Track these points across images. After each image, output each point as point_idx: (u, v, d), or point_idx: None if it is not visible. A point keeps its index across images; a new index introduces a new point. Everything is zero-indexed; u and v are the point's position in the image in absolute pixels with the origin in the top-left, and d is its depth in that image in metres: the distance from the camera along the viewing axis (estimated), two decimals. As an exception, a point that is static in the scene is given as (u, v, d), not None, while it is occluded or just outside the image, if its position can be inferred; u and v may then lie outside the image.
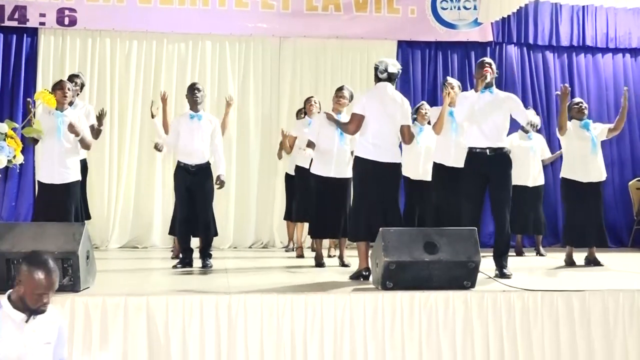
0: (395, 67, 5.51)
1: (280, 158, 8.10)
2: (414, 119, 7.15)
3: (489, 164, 5.53)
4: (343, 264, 6.44)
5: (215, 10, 8.80)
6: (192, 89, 6.43)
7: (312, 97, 7.43)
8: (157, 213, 8.60)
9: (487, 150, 5.55)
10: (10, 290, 3.32)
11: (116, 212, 8.56)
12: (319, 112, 7.11)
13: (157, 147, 6.44)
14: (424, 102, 7.62)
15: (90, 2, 8.56)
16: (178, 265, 6.26)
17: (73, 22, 8.55)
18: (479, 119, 5.55)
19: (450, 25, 9.21)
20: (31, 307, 3.25)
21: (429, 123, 7.11)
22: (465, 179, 5.63)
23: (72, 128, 5.72)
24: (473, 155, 5.60)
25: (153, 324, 4.28)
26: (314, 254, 6.78)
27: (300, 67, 9.09)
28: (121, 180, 8.62)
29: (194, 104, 6.37)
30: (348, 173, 6.32)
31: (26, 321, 3.27)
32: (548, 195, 8.47)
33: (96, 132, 6.63)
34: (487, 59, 5.76)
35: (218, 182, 6.28)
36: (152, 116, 6.85)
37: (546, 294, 4.66)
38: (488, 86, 5.60)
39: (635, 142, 9.59)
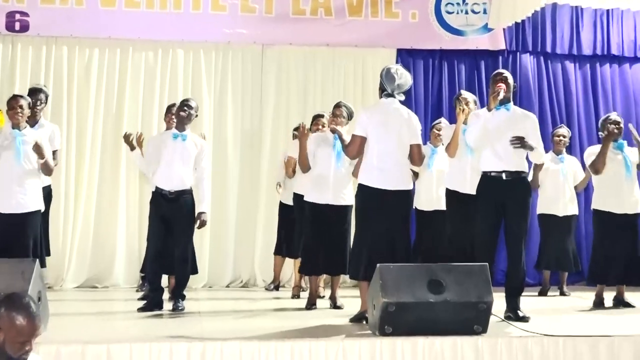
0: (402, 78, 5.51)
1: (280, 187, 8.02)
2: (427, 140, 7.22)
3: (506, 190, 5.56)
4: (335, 306, 6.43)
5: (188, 15, 8.85)
6: (182, 104, 6.45)
7: (322, 115, 7.36)
8: (121, 247, 8.57)
9: (503, 174, 5.59)
10: None
11: (72, 246, 8.52)
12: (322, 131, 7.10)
13: (128, 138, 6.41)
14: (442, 118, 7.65)
15: (44, 4, 8.58)
16: (145, 307, 6.22)
17: (25, 28, 8.57)
18: (492, 139, 5.59)
19: (457, 32, 9.30)
20: (12, 357, 3.25)
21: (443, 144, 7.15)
22: (479, 208, 5.66)
23: (37, 148, 5.74)
24: (487, 180, 5.64)
25: (115, 376, 4.25)
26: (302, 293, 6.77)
27: (286, 79, 9.13)
28: (78, 209, 8.58)
29: (180, 121, 6.40)
30: (347, 200, 6.35)
31: None
32: (577, 227, 8.47)
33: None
34: (503, 72, 5.81)
35: (198, 222, 6.29)
36: (132, 148, 6.80)
37: (569, 340, 4.67)
38: (504, 102, 5.64)
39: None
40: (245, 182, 8.94)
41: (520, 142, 5.55)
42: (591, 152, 6.83)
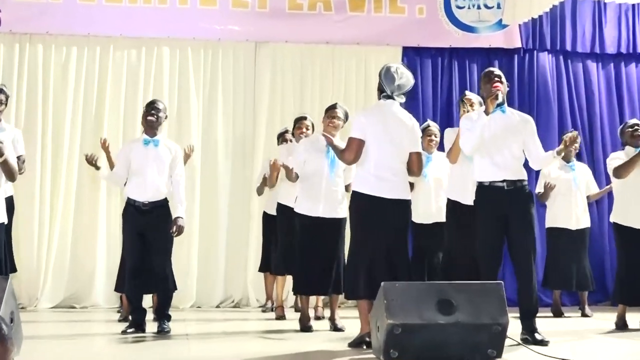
0: (403, 77, 5.54)
1: (260, 194, 8.09)
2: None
3: (507, 202, 5.59)
4: (336, 328, 6.45)
5: (175, 9, 8.89)
6: (150, 107, 6.47)
7: (305, 117, 7.45)
8: (101, 264, 8.57)
9: (505, 184, 5.62)
10: None
11: (48, 263, 8.53)
12: (306, 136, 7.15)
13: (91, 160, 6.38)
14: (429, 122, 7.65)
15: (17, -1, 8.63)
16: (128, 330, 6.24)
17: (-4, 24, 8.62)
18: (490, 148, 5.62)
19: (469, 28, 9.34)
20: None
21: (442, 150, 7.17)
22: (480, 221, 5.68)
23: None
24: (487, 191, 5.66)
25: (95, 405, 4.27)
26: (298, 314, 6.78)
27: (282, 80, 9.16)
28: (55, 222, 8.60)
29: (149, 126, 6.42)
30: (341, 212, 6.37)
31: None
32: (593, 241, 8.51)
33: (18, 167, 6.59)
34: (495, 70, 5.82)
35: (175, 228, 6.30)
36: (97, 168, 6.80)
37: (591, 365, 4.69)
38: (499, 104, 5.67)
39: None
40: (236, 192, 8.95)
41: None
42: (615, 157, 6.86)
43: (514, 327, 5.20)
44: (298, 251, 6.50)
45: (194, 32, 8.97)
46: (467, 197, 6.30)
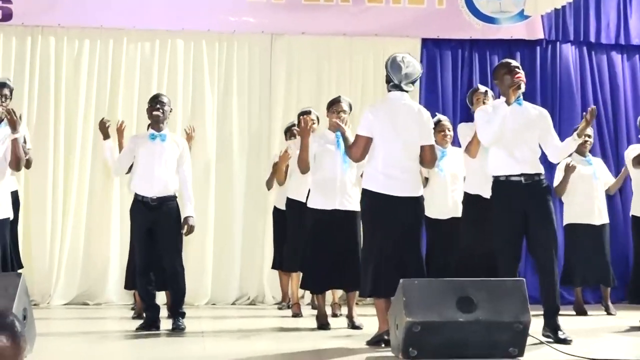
0: (410, 66, 5.53)
1: (270, 188, 8.15)
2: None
3: (526, 196, 5.58)
4: (353, 326, 6.45)
5: (189, 1, 8.89)
6: (154, 101, 6.51)
7: (309, 111, 7.47)
8: (114, 260, 8.60)
9: (523, 178, 5.61)
10: None
11: (61, 259, 8.57)
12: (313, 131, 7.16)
13: (104, 125, 6.61)
14: (439, 115, 7.61)
15: (29, -10, 8.67)
16: (142, 327, 6.27)
17: (8, 16, 8.63)
18: (508, 141, 5.61)
19: (490, 19, 9.30)
20: None
21: (458, 145, 7.17)
22: (496, 217, 5.67)
23: (10, 114, 5.68)
24: (503, 185, 5.65)
25: (109, 403, 4.30)
26: (315, 312, 6.80)
27: (298, 72, 9.17)
28: (67, 218, 8.63)
29: (156, 120, 6.45)
30: (355, 204, 6.37)
31: None
32: (618, 237, 8.46)
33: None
34: (512, 61, 5.82)
35: (186, 227, 6.33)
36: (105, 137, 6.91)
37: (616, 365, 4.68)
38: (517, 96, 5.67)
39: None
40: (252, 187, 8.95)
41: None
42: (633, 148, 6.87)
43: (537, 325, 5.19)
44: (308, 247, 6.51)
45: (208, 25, 8.98)
46: (488, 191, 6.30)
